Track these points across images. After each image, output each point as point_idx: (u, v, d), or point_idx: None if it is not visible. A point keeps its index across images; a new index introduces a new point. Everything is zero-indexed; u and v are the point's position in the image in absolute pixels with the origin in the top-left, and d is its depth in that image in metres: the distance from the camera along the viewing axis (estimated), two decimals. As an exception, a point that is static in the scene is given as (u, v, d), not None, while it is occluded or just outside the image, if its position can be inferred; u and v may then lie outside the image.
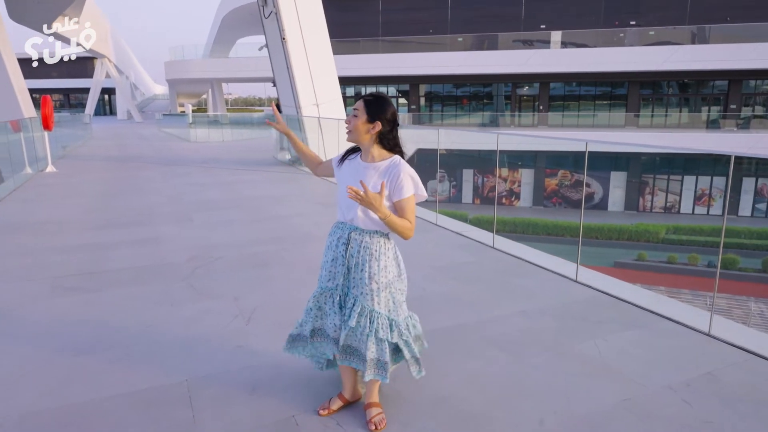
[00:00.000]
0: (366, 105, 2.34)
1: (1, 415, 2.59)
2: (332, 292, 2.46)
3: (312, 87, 11.17)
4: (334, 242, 2.44)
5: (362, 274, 2.36)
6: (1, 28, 15.89)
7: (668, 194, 27.24)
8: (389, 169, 2.34)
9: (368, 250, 2.36)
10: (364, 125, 2.34)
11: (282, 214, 7.18)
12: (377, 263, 2.37)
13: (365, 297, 2.37)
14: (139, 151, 16.97)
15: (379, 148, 2.38)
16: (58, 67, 49.19)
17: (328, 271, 2.46)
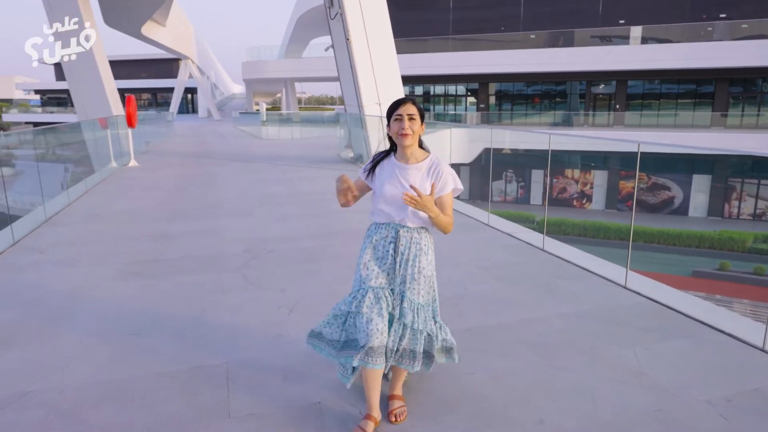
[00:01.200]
0: (417, 109, 2.41)
1: (63, 383, 2.89)
2: (377, 291, 2.43)
3: (375, 86, 11.33)
4: (380, 242, 2.47)
5: (412, 270, 2.42)
6: (97, 34, 17.25)
7: (758, 200, 25.23)
8: (432, 168, 2.42)
9: (418, 245, 2.44)
10: (419, 128, 2.42)
11: (336, 210, 7.36)
12: (426, 257, 2.46)
13: (413, 291, 2.43)
14: (214, 148, 17.91)
15: (417, 148, 2.47)
16: (147, 67, 52.40)
17: (371, 270, 2.45)
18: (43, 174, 7.95)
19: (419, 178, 2.40)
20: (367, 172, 2.55)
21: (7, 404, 2.69)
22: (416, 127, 2.39)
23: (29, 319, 3.75)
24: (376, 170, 2.52)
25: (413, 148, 2.44)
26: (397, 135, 2.40)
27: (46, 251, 5.47)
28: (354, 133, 12.89)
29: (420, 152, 2.48)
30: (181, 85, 46.02)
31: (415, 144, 2.44)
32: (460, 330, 3.51)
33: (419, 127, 2.41)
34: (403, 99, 2.42)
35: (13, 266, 5.00)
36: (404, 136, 2.37)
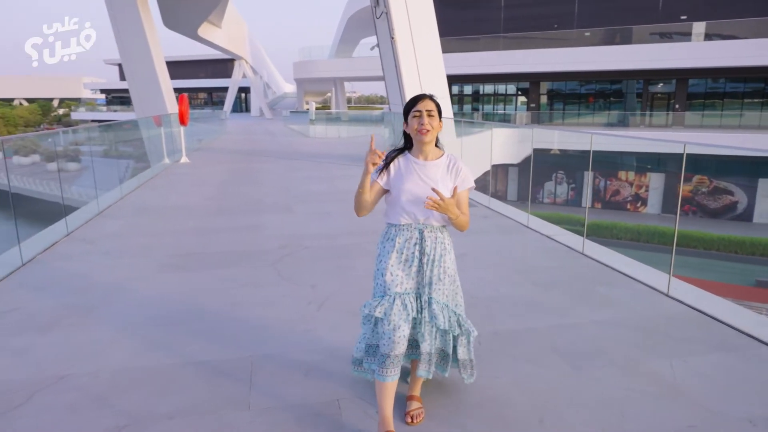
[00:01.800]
0: (436, 105, 2.35)
1: (98, 368, 3.02)
2: (404, 298, 2.35)
3: (419, 85, 11.28)
4: (404, 244, 2.38)
5: (438, 271, 2.37)
6: (154, 35, 18.00)
7: (833, 207, 23.52)
8: (450, 165, 2.39)
9: (443, 245, 2.40)
10: (438, 125, 2.37)
11: (376, 208, 7.37)
12: (449, 256, 2.43)
13: (440, 293, 2.38)
14: (263, 146, 18.33)
15: (434, 145, 2.42)
16: (204, 68, 54.12)
17: (396, 276, 2.35)
18: (99, 169, 8.35)
19: (440, 176, 2.35)
20: (380, 171, 2.41)
21: (45, 386, 2.83)
22: (435, 123, 2.33)
23: (73, 306, 3.94)
24: (391, 169, 2.41)
25: (432, 145, 2.39)
26: (416, 132, 2.33)
27: (95, 242, 5.74)
28: (398, 131, 12.88)
29: (436, 150, 2.43)
30: (235, 84, 47.36)
31: (434, 141, 2.39)
32: (488, 333, 3.44)
33: (438, 123, 2.35)
34: (421, 95, 2.37)
35: (64, 255, 5.27)
36: (424, 132, 2.31)
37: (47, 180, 16.75)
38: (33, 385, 2.83)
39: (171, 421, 2.53)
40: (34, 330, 3.53)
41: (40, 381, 2.88)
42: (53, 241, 5.65)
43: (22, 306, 3.95)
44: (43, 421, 2.54)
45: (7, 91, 76.90)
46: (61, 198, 6.21)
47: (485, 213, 7.13)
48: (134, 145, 13.93)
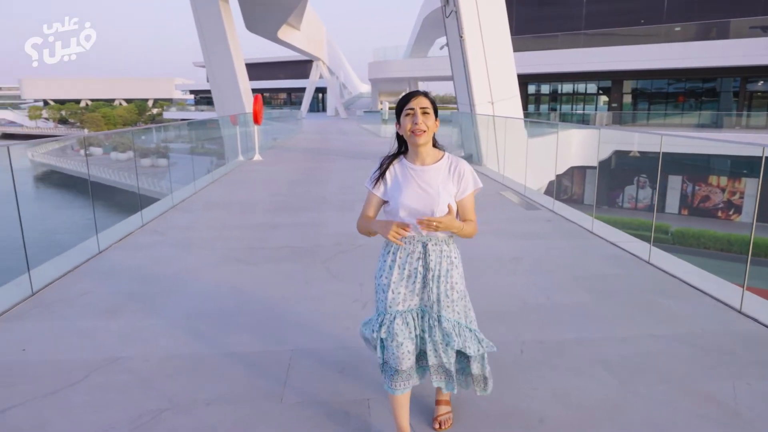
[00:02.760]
0: (431, 102, 2.12)
1: (150, 353, 3.20)
2: (406, 315, 2.20)
3: (488, 84, 11.06)
4: (406, 259, 2.17)
5: (445, 287, 2.17)
6: (235, 39, 18.86)
7: None
8: (452, 169, 2.15)
9: (449, 258, 2.18)
10: (434, 124, 2.12)
11: (434, 210, 7.33)
12: (457, 270, 2.21)
13: (449, 310, 2.19)
14: (334, 144, 18.70)
15: (432, 147, 2.18)
16: (284, 69, 55.99)
17: (398, 293, 2.17)
18: (176, 165, 8.85)
19: (441, 181, 2.12)
20: (375, 181, 2.21)
21: (100, 367, 3.04)
22: (430, 122, 2.08)
23: (137, 293, 4.21)
24: (387, 177, 2.19)
25: (428, 147, 2.14)
26: (409, 133, 2.08)
27: (166, 234, 6.10)
28: (465, 132, 12.70)
29: (435, 151, 2.18)
30: (312, 85, 48.68)
31: (430, 142, 2.15)
32: (532, 341, 3.31)
33: (434, 123, 2.10)
34: (414, 92, 2.14)
35: (137, 245, 5.64)
36: (418, 133, 2.06)
37: (134, 174, 17.96)
38: (91, 365, 3.05)
39: (207, 408, 2.64)
40: (100, 314, 3.81)
41: (98, 361, 3.09)
42: (129, 232, 6.06)
43: (93, 291, 4.26)
44: (95, 399, 2.72)
45: (109, 92, 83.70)
46: (137, 190, 6.65)
47: (548, 216, 6.87)
48: (212, 143, 14.69)
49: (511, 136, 10.04)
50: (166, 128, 13.71)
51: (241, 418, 2.55)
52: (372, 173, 2.25)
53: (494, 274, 4.62)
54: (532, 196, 8.14)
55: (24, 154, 36.12)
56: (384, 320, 2.20)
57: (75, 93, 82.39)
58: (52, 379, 2.90)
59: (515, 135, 10.03)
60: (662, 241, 19.67)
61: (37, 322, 3.67)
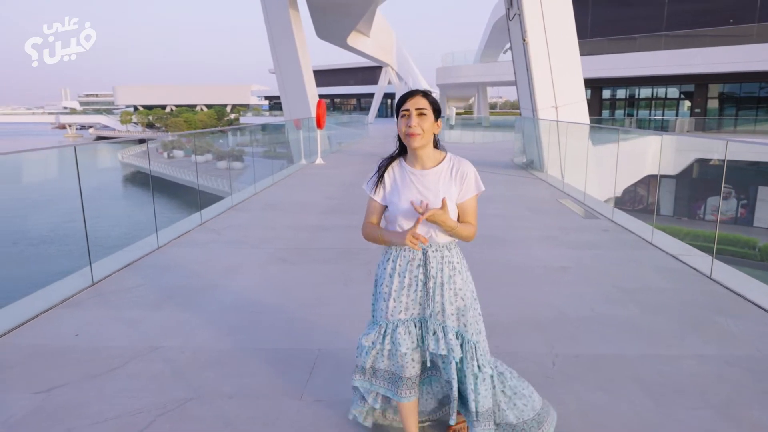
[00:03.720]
0: (430, 102, 2.00)
1: (185, 345, 3.35)
2: (408, 324, 2.09)
3: (552, 89, 10.72)
4: (406, 267, 2.06)
5: (449, 295, 2.04)
6: (303, 45, 19.43)
7: None
8: (454, 171, 2.04)
9: (451, 264, 2.06)
10: (432, 126, 2.00)
11: (482, 214, 7.18)
12: (460, 276, 2.08)
13: (453, 319, 2.05)
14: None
15: (433, 149, 2.08)
16: (354, 75, 56.96)
17: (400, 302, 2.07)
18: (245, 167, 9.18)
19: (442, 184, 2.02)
20: (375, 186, 2.12)
21: (139, 355, 3.21)
22: (427, 124, 1.96)
23: (185, 287, 4.42)
24: (386, 181, 2.10)
25: (427, 150, 2.03)
26: (404, 135, 1.99)
27: (221, 232, 6.36)
28: (527, 137, 12.37)
29: (436, 153, 2.07)
30: (380, 90, 49.21)
31: (428, 145, 2.03)
32: (567, 355, 3.17)
33: (432, 124, 1.98)
34: (412, 91, 2.02)
35: (193, 242, 5.92)
36: (412, 135, 1.96)
37: (210, 175, 18.85)
38: (131, 353, 3.23)
39: (229, 401, 2.72)
40: (148, 305, 4.03)
41: (138, 350, 3.28)
42: (187, 230, 6.37)
43: (146, 283, 4.52)
44: (131, 384, 2.88)
45: (191, 98, 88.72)
46: (197, 190, 6.98)
47: (606, 226, 6.55)
48: (278, 146, 15.19)
49: (574, 142, 9.68)
50: (234, 132, 14.29)
51: (259, 413, 2.61)
52: (371, 176, 2.16)
53: (537, 283, 4.47)
54: (592, 205, 7.80)
55: (114, 156, 39.08)
56: (386, 330, 2.09)
57: (161, 99, 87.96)
58: (96, 364, 3.10)
59: (579, 141, 9.65)
60: (749, 257, 18.17)
61: (92, 310, 3.94)
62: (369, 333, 2.13)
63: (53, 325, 3.68)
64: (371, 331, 2.14)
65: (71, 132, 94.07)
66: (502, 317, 3.75)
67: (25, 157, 13.99)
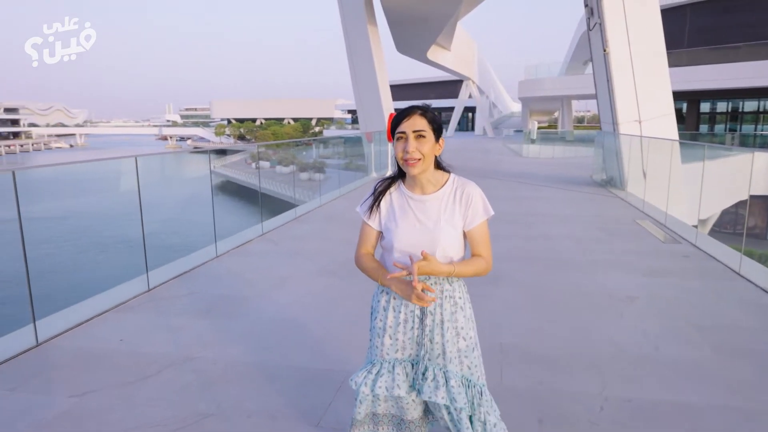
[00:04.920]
0: (430, 121, 1.74)
1: (218, 356, 3.34)
2: (405, 365, 1.86)
3: (635, 102, 10.02)
4: (399, 300, 1.82)
5: (450, 333, 1.80)
6: (381, 59, 19.65)
7: None
8: (457, 195, 1.81)
9: (452, 299, 1.82)
10: (433, 148, 1.76)
11: (552, 234, 6.76)
12: (462, 313, 1.83)
13: (455, 362, 1.80)
14: (469, 163, 18.42)
15: (435, 171, 1.83)
16: (435, 89, 57.06)
17: (396, 339, 1.83)
18: (305, 179, 9.32)
19: (444, 211, 1.79)
20: (370, 210, 1.89)
21: (174, 364, 3.24)
22: (426, 147, 1.72)
23: (232, 297, 4.46)
24: (382, 206, 1.87)
25: (427, 174, 1.79)
26: (402, 161, 1.75)
27: (279, 243, 6.44)
28: (607, 153, 11.63)
29: (438, 175, 1.83)
30: (460, 104, 48.83)
31: (428, 169, 1.78)
32: (618, 398, 2.83)
33: (432, 146, 1.74)
34: (409, 108, 1.75)
35: (251, 252, 6.03)
36: (410, 163, 1.72)
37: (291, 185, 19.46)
38: (166, 361, 3.27)
39: (247, 420, 2.66)
40: (193, 313, 4.10)
41: (173, 359, 3.31)
42: (248, 239, 6.51)
43: (197, 291, 4.62)
44: (158, 394, 2.90)
45: (280, 112, 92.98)
46: (259, 202, 7.12)
47: (687, 251, 5.93)
48: (354, 159, 15.36)
49: (659, 159, 8.95)
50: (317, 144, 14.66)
51: (273, 436, 2.52)
52: (365, 197, 1.93)
53: (598, 313, 4.08)
54: (674, 227, 7.13)
55: (207, 165, 41.71)
56: (381, 370, 1.85)
57: (252, 112, 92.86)
58: (131, 371, 3.17)
59: (663, 157, 8.92)
60: None
61: (141, 316, 4.07)
62: (359, 372, 1.89)
63: (103, 329, 3.83)
64: (361, 370, 1.90)
65: (171, 143, 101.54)
66: (551, 349, 3.44)
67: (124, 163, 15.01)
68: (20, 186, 3.55)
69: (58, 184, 24.88)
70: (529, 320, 3.97)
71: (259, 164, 23.31)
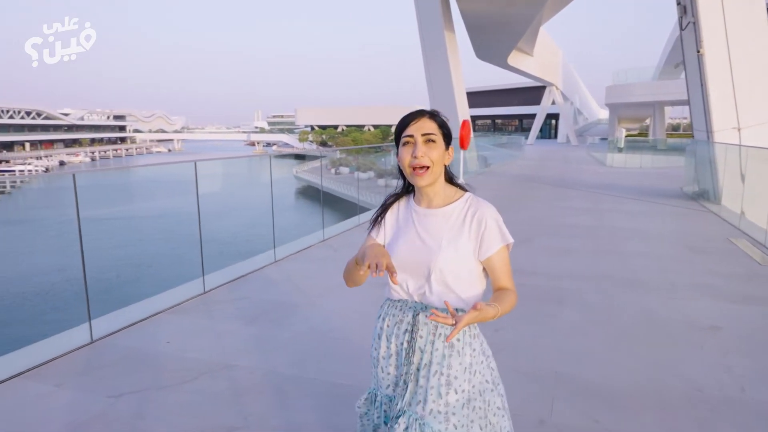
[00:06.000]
0: (440, 125, 1.53)
1: (257, 366, 3.28)
2: (390, 403, 1.61)
3: (734, 107, 9.08)
4: (391, 329, 1.59)
5: (437, 380, 1.49)
6: (457, 66, 19.36)
7: None
8: (468, 217, 1.52)
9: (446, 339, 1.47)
10: (442, 155, 1.52)
11: (629, 251, 6.21)
12: (459, 360, 1.49)
13: (440, 420, 1.48)
14: (548, 172, 17.65)
15: (446, 184, 1.59)
16: (517, 95, 55.70)
17: (387, 372, 1.60)
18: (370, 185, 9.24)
19: (449, 230, 1.52)
20: (374, 223, 1.68)
21: (212, 371, 3.22)
22: (436, 154, 1.49)
23: (283, 303, 4.43)
24: (387, 220, 1.66)
25: (436, 186, 1.55)
26: (409, 169, 1.52)
27: (339, 249, 6.39)
28: (700, 163, 10.63)
29: (449, 190, 1.58)
30: (543, 111, 47.24)
31: (437, 181, 1.54)
32: (688, 446, 2.44)
33: (442, 153, 1.51)
34: (416, 112, 1.54)
35: (310, 258, 6.01)
36: (418, 171, 1.49)
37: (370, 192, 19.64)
38: (205, 368, 3.26)
39: (271, 436, 2.55)
40: (242, 319, 4.09)
41: (212, 365, 3.29)
42: (309, 245, 6.52)
43: (250, 297, 4.63)
44: (190, 402, 2.87)
45: (360, 119, 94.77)
46: (321, 205, 7.12)
47: (790, 277, 5.21)
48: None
49: (762, 170, 8.04)
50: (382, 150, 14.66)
51: (293, 457, 2.40)
52: (373, 214, 1.71)
53: (673, 344, 3.63)
54: (777, 248, 6.33)
55: (290, 170, 43.27)
56: (376, 399, 1.66)
57: (334, 119, 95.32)
58: (170, 375, 3.17)
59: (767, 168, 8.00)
60: None
61: (192, 319, 4.12)
62: (361, 397, 1.71)
63: (154, 330, 3.91)
64: (363, 394, 1.71)
65: (258, 149, 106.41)
66: (614, 383, 3.08)
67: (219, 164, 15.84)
68: (114, 187, 3.70)
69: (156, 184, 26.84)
70: (592, 347, 3.60)
71: (339, 170, 23.74)
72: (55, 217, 21.44)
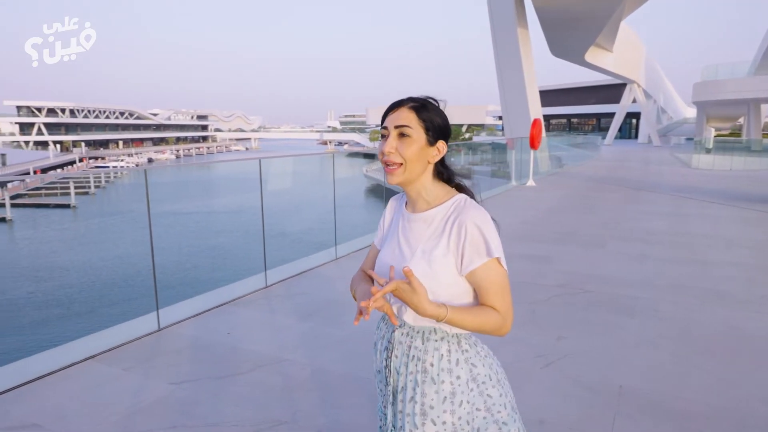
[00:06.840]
0: (422, 119, 1.31)
1: (311, 361, 3.31)
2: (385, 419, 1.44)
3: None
4: (377, 347, 1.46)
5: (413, 407, 1.32)
6: (529, 63, 18.79)
7: None
8: (449, 222, 1.31)
9: (421, 363, 1.31)
10: (422, 152, 1.32)
11: (711, 260, 5.73)
12: (435, 389, 1.30)
13: None
14: (624, 174, 16.72)
15: (436, 183, 1.38)
16: (595, 93, 53.41)
17: (379, 389, 1.48)
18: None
19: (428, 238, 1.33)
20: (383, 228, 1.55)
21: (266, 364, 3.28)
22: (410, 151, 1.29)
23: (337, 302, 4.46)
24: (386, 219, 1.55)
25: (417, 185, 1.36)
26: (383, 165, 1.35)
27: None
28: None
29: (439, 190, 1.38)
30: (622, 110, 44.89)
31: (414, 180, 1.34)
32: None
33: (421, 150, 1.31)
34: (398, 101, 1.34)
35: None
36: (388, 168, 1.31)
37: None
38: (260, 360, 3.33)
39: (318, 433, 2.56)
40: (300, 314, 4.15)
41: (267, 358, 3.36)
42: (368, 244, 6.52)
43: (309, 293, 4.70)
44: (244, 393, 2.94)
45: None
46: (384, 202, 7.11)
47: None
48: (496, 166, 14.87)
49: None
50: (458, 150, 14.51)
51: (338, 455, 2.39)
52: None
53: (756, 362, 3.31)
54: None
55: (360, 169, 44.05)
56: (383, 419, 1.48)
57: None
58: (227, 366, 3.27)
59: None
60: None
61: (252, 311, 4.23)
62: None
63: (217, 320, 4.05)
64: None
65: (330, 148, 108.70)
66: (686, 402, 2.84)
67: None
68: (196, 184, 3.90)
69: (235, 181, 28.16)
70: (663, 361, 3.34)
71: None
72: (144, 210, 23.10)
